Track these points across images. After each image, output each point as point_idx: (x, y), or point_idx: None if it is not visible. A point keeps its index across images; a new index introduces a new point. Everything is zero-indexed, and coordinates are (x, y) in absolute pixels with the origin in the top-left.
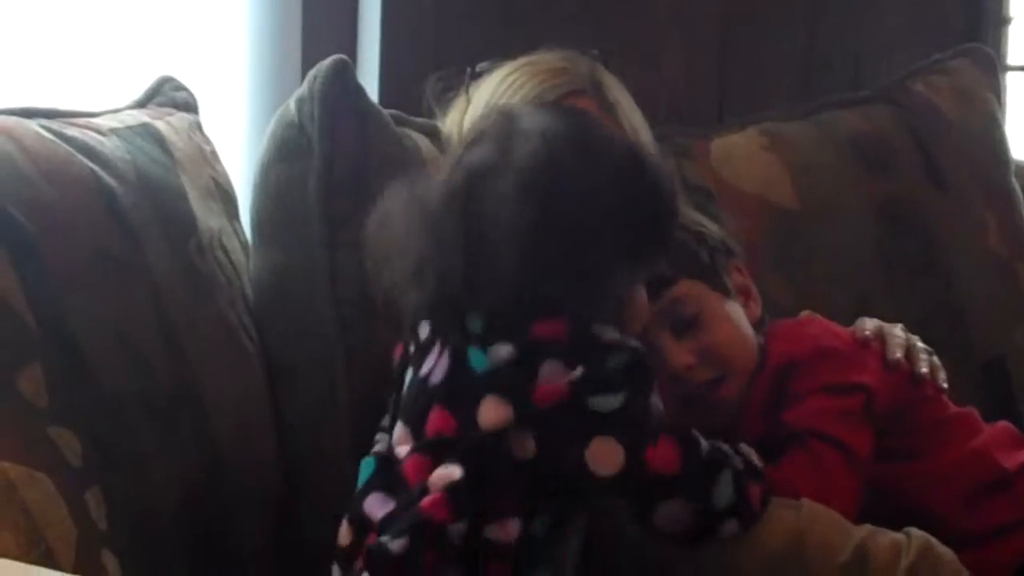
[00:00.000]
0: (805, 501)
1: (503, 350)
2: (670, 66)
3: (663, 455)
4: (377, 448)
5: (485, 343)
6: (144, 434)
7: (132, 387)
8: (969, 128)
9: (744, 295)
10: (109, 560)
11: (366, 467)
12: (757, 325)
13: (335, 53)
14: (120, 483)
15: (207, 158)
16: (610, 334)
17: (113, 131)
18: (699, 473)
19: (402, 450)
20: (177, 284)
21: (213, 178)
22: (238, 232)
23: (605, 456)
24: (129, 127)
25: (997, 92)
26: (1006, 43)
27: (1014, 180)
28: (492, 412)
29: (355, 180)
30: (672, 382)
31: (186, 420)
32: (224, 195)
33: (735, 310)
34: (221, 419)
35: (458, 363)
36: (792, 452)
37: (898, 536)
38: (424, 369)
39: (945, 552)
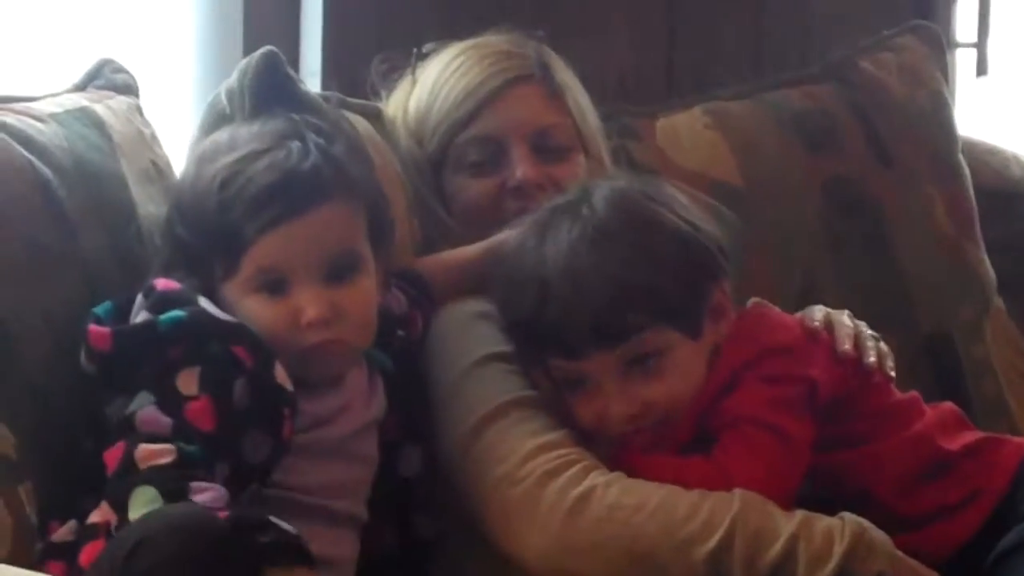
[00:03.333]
0: (738, 491)
1: None
2: (618, 45)
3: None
4: None
5: None
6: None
7: (65, 381)
8: (916, 105)
9: (716, 319)
10: None
11: None
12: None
13: (278, 33)
14: (50, 479)
15: (147, 142)
16: None
17: (52, 116)
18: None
19: None
20: (114, 273)
21: (153, 162)
22: None
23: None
24: (68, 111)
25: (944, 69)
26: (955, 20)
27: (961, 157)
28: None
29: None
30: (611, 423)
31: None
32: (164, 179)
33: (698, 352)
34: None
35: None
36: (727, 438)
37: (832, 522)
38: None
39: (879, 536)
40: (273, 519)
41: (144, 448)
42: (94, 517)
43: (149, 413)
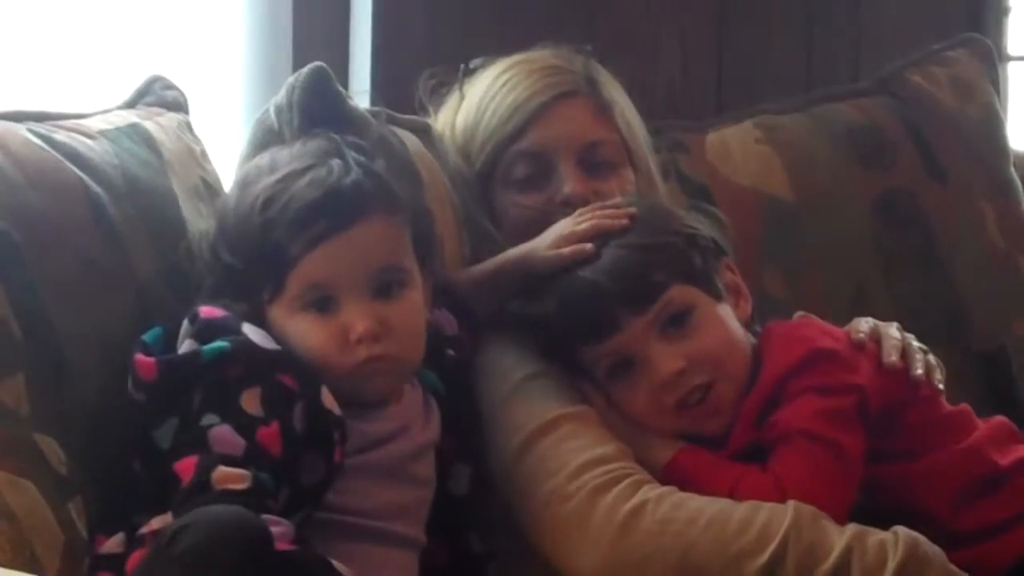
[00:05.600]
0: (792, 503)
1: None
2: (667, 59)
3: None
4: None
5: None
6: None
7: (116, 398)
8: (967, 119)
9: (735, 294)
10: None
11: None
12: (748, 324)
13: (327, 49)
14: (99, 494)
15: (196, 158)
16: None
17: (102, 133)
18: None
19: None
20: (164, 291)
21: (203, 178)
22: None
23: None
24: (118, 128)
25: (996, 83)
26: (1006, 33)
27: (1013, 171)
28: None
29: None
30: (663, 389)
31: None
32: (214, 196)
33: (726, 313)
34: None
35: None
36: (781, 451)
37: (886, 536)
38: None
39: (933, 551)
40: (334, 563)
41: (222, 471)
42: (144, 529)
43: (223, 433)
